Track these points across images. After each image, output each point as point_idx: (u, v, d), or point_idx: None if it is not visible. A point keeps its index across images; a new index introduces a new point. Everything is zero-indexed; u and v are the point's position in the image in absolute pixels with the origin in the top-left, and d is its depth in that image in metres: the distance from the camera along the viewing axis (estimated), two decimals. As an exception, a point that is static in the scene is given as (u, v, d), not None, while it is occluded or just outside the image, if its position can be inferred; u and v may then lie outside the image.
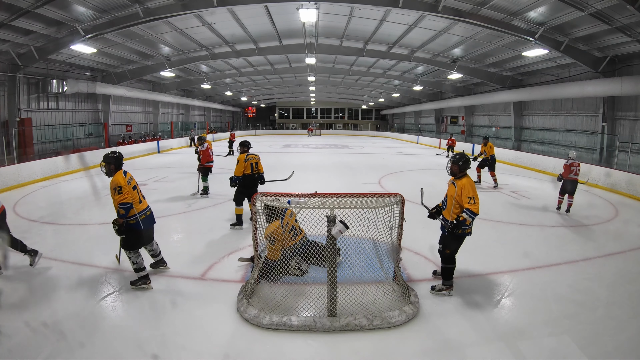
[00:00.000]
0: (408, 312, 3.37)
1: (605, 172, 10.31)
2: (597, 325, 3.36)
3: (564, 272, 4.50)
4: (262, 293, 3.69)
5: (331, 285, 3.29)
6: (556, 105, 15.47)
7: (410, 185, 10.37)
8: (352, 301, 3.46)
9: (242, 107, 41.04)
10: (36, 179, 10.11)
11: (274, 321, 3.21)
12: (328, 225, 3.25)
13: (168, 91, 22.23)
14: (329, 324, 3.20)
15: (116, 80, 16.75)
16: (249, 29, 13.06)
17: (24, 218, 6.54)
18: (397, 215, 3.62)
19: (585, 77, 12.82)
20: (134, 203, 3.72)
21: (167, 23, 11.31)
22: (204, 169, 8.34)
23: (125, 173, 3.81)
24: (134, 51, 14.46)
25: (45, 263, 4.46)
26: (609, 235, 6.06)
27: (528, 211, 7.55)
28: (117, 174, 3.75)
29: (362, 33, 13.54)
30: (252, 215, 3.79)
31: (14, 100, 12.40)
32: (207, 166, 8.39)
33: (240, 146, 6.19)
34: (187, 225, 6.40)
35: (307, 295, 3.61)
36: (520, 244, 5.59)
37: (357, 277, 3.85)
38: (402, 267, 4.30)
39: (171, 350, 2.93)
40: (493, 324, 3.37)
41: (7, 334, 3.01)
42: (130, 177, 3.85)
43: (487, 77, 17.00)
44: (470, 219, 3.58)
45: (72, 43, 10.84)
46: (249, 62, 19.05)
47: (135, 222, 3.74)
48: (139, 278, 3.83)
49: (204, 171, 8.34)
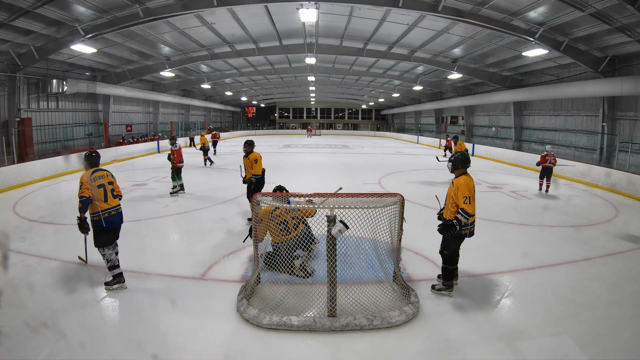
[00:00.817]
0: (408, 312, 3.37)
1: (605, 172, 10.32)
2: (597, 325, 3.36)
3: (563, 272, 4.50)
4: (262, 293, 3.70)
5: (331, 285, 3.29)
6: (556, 105, 15.47)
7: (410, 185, 10.42)
8: (352, 301, 3.46)
9: (242, 107, 41.06)
10: (36, 178, 10.14)
11: (273, 321, 3.22)
12: (328, 225, 3.26)
13: (168, 91, 22.24)
14: (329, 324, 3.20)
15: (116, 80, 16.75)
16: (249, 29, 13.07)
17: (24, 218, 6.56)
18: (397, 215, 3.63)
19: (585, 77, 12.82)
20: (98, 201, 3.81)
21: (167, 23, 11.31)
22: (176, 169, 8.52)
23: (95, 172, 3.92)
24: (134, 51, 14.47)
25: (45, 263, 4.47)
26: (608, 235, 6.05)
27: (528, 211, 7.57)
28: (86, 171, 3.93)
29: (362, 33, 13.54)
30: (252, 214, 3.78)
31: (14, 100, 12.39)
32: (179, 166, 8.59)
33: (249, 145, 6.41)
34: (186, 225, 6.40)
35: (307, 295, 3.62)
36: (520, 243, 5.60)
37: (357, 277, 3.84)
38: (402, 267, 4.31)
39: (171, 350, 2.93)
40: (493, 324, 3.37)
41: (7, 334, 3.01)
42: (100, 175, 3.94)
43: (487, 77, 17.00)
44: (465, 219, 3.57)
45: (72, 43, 10.84)
46: (249, 62, 19.07)
47: (97, 219, 3.83)
48: (114, 277, 3.85)
49: (176, 171, 8.52)
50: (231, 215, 6.80)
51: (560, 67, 13.87)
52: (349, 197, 3.61)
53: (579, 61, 11.54)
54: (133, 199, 8.15)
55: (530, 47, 11.67)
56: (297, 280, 3.97)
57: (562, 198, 8.96)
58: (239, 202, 7.78)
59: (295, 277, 4.02)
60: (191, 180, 9.86)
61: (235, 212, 7.08)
